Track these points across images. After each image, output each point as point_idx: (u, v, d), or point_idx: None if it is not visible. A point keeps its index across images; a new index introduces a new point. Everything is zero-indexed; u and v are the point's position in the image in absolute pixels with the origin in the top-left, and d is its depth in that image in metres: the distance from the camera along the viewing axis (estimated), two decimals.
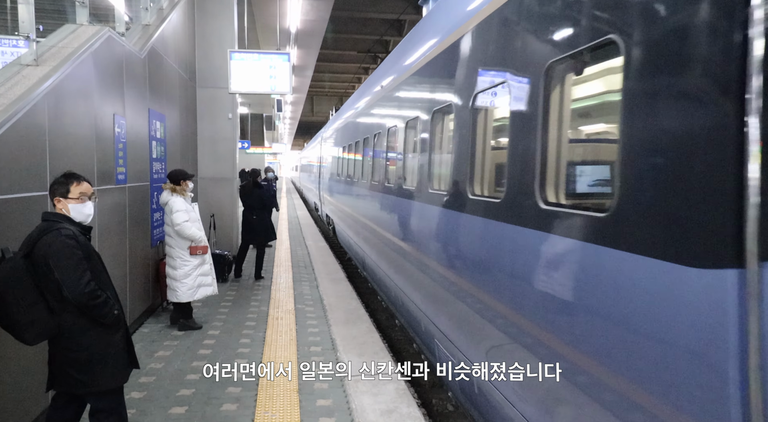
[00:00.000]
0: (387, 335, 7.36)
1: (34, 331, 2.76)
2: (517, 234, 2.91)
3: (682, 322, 1.75)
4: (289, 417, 3.94)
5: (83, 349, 2.89)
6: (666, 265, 1.81)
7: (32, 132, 3.59)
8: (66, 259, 2.77)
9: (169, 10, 7.52)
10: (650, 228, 1.92)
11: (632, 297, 1.98)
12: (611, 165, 2.30)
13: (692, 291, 1.71)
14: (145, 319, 6.32)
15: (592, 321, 2.26)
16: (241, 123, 20.43)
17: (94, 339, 2.91)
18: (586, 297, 2.31)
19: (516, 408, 2.94)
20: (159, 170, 6.70)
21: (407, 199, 5.35)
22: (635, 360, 1.97)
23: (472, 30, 3.75)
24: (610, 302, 2.11)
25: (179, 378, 4.62)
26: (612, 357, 2.10)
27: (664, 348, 1.81)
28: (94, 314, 2.87)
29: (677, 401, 1.78)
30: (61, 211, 2.97)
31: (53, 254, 2.76)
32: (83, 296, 2.79)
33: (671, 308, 1.79)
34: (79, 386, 2.94)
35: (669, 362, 1.79)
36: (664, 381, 1.83)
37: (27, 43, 4.32)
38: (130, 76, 5.61)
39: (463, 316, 3.78)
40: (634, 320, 1.97)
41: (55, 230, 2.82)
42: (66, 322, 2.85)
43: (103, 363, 2.96)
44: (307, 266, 9.98)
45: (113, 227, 5.13)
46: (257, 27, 16.50)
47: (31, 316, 2.74)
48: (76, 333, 2.87)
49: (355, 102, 10.75)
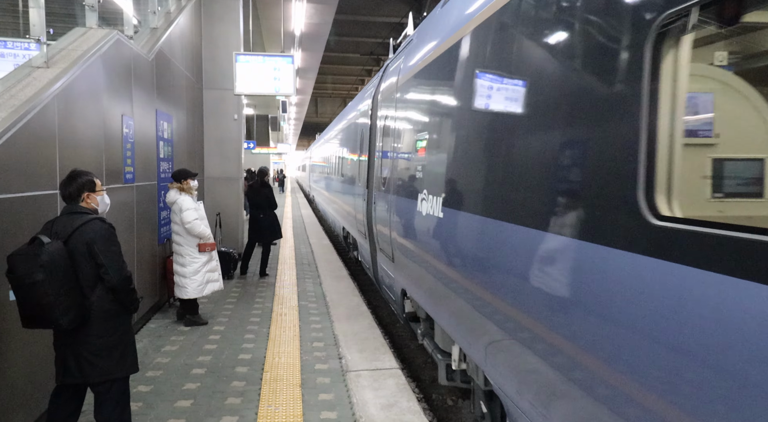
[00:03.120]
0: (388, 331, 7.46)
1: (71, 315, 2.87)
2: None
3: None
4: (291, 411, 4.03)
5: (109, 334, 3.04)
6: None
7: (43, 132, 3.70)
8: (113, 245, 3.03)
9: (177, 13, 7.66)
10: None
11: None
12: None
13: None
14: (152, 315, 6.44)
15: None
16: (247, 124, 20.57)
17: (119, 325, 3.11)
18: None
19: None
20: (166, 169, 6.83)
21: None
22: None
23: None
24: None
25: (185, 372, 4.73)
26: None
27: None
28: (127, 300, 3.09)
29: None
30: (90, 206, 3.16)
31: (101, 240, 2.97)
32: (125, 281, 3.03)
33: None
34: (98, 373, 3.03)
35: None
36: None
37: (38, 46, 4.41)
38: (138, 78, 5.74)
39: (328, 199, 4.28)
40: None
41: (98, 219, 3.05)
42: (97, 307, 3.00)
43: (126, 348, 3.14)
44: (310, 263, 10.08)
45: (121, 224, 5.24)
46: (262, 30, 16.65)
47: (70, 301, 2.87)
48: (104, 318, 3.02)
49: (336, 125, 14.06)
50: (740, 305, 1.42)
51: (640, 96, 1.78)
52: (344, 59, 28.58)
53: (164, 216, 6.78)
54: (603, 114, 2.02)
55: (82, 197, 3.14)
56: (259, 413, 3.99)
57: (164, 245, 6.87)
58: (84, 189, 3.15)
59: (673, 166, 1.72)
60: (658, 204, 1.73)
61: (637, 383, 1.77)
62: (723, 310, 1.47)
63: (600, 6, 2.11)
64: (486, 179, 3.07)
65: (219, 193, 9.56)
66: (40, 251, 2.78)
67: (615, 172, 1.93)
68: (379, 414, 4.00)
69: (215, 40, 9.46)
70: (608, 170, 1.97)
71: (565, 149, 2.27)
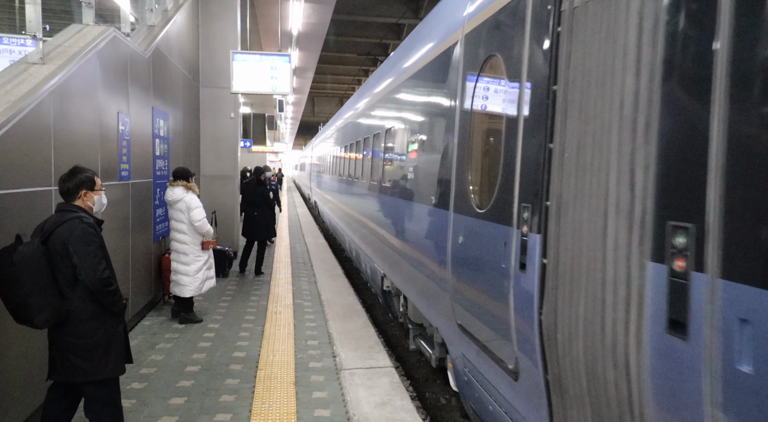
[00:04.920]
0: (382, 330, 7.48)
1: (45, 315, 2.86)
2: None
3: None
4: (285, 409, 4.04)
5: (89, 336, 2.99)
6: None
7: (38, 129, 3.70)
8: (86, 245, 2.93)
9: (174, 11, 7.66)
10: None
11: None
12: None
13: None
14: (146, 312, 6.44)
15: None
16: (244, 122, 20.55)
17: (100, 326, 3.02)
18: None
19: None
20: (162, 167, 6.83)
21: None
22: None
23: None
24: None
25: (179, 369, 4.74)
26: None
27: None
28: (106, 302, 3.00)
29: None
30: (85, 204, 3.12)
31: (74, 240, 2.91)
32: (99, 282, 2.94)
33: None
34: (80, 374, 3.01)
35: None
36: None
37: (34, 43, 4.40)
38: (134, 76, 5.74)
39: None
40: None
41: (77, 218, 2.97)
42: (75, 308, 2.96)
43: (107, 351, 3.05)
44: (305, 262, 10.09)
45: (116, 222, 5.24)
46: (259, 29, 16.66)
47: (44, 300, 2.84)
48: (83, 320, 2.97)
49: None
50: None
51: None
52: (341, 59, 28.56)
53: (160, 214, 6.77)
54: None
55: (79, 194, 3.11)
56: (252, 410, 4.00)
57: (159, 242, 6.86)
58: (83, 186, 3.12)
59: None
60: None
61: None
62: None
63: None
64: None
65: (215, 191, 9.57)
66: (15, 249, 2.79)
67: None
68: (372, 412, 4.01)
69: (212, 38, 9.46)
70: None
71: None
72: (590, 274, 2.08)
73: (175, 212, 6.03)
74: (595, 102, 2.09)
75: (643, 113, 1.85)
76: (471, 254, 3.34)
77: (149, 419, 3.82)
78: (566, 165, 2.26)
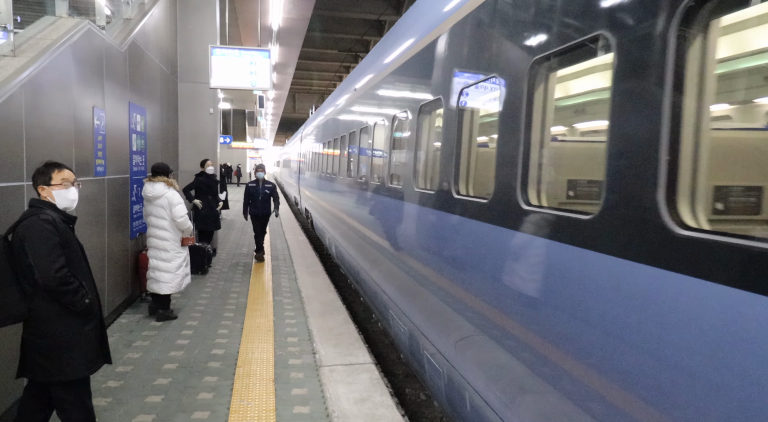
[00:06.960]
0: (363, 327, 7.48)
1: (3, 313, 2.80)
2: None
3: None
4: (264, 406, 4.02)
5: (50, 336, 2.92)
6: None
7: (8, 123, 3.61)
8: (40, 243, 2.83)
9: (151, 4, 7.54)
10: None
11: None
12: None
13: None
14: (123, 310, 6.35)
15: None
16: (224, 118, 20.40)
17: (62, 326, 2.94)
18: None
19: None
20: (139, 162, 6.73)
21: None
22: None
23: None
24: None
25: (157, 367, 4.68)
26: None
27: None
28: (64, 301, 2.91)
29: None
30: (46, 199, 3.03)
31: (29, 237, 2.82)
32: (53, 281, 2.83)
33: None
34: (44, 373, 2.95)
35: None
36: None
37: (5, 34, 4.31)
38: (110, 70, 5.63)
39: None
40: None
41: (35, 215, 2.88)
42: (37, 307, 2.89)
43: (70, 352, 2.97)
44: (285, 259, 10.05)
45: (91, 218, 5.16)
46: (239, 24, 16.48)
47: (3, 298, 2.78)
48: (45, 319, 2.91)
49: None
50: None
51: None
52: (322, 55, 28.45)
53: (137, 210, 6.67)
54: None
55: (38, 191, 3.04)
56: (231, 408, 3.97)
57: (136, 239, 6.77)
58: (36, 181, 3.03)
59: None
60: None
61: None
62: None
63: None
64: None
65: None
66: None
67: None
68: (352, 408, 4.02)
69: (191, 32, 9.34)
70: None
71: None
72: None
73: (155, 208, 5.93)
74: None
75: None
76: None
77: (125, 417, 3.77)
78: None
